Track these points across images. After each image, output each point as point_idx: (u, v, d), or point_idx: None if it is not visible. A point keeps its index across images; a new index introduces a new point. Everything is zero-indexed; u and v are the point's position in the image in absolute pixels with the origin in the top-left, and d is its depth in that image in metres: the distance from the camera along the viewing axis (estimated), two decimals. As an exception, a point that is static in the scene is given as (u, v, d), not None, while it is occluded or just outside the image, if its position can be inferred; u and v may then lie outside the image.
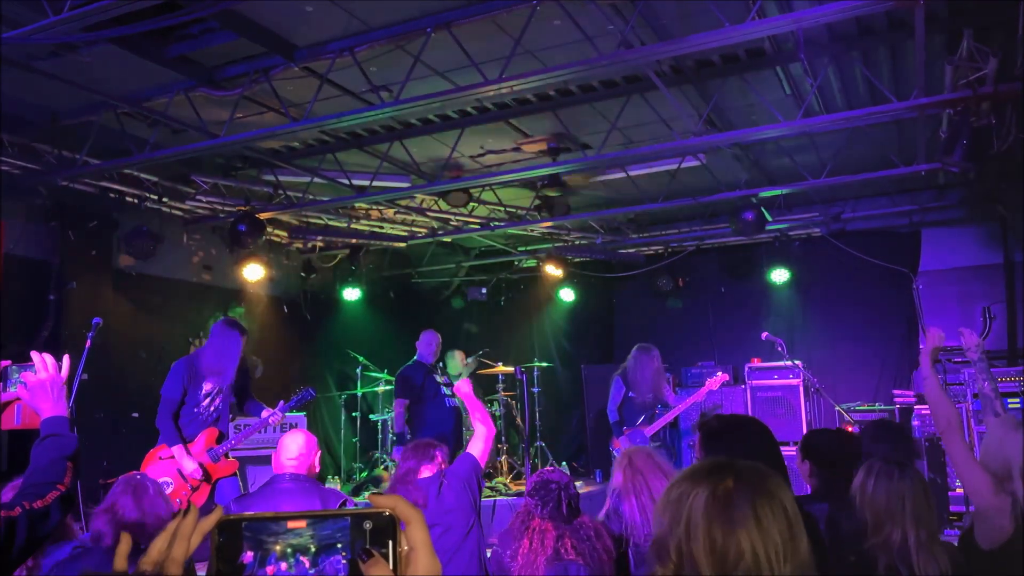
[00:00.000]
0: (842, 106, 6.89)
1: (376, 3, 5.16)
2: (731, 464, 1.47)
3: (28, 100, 6.39)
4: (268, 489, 3.75)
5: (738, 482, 1.41)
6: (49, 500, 2.05)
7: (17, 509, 1.97)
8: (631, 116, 6.95)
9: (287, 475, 3.75)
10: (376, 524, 0.91)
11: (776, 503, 1.40)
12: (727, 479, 1.42)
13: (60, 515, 2.08)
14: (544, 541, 3.23)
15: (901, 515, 2.54)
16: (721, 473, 1.44)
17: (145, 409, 6.97)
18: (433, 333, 7.91)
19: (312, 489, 3.71)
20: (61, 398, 2.28)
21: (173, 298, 8.71)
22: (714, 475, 1.44)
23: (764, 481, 1.43)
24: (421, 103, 5.76)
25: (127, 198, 7.82)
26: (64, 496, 2.10)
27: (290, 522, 0.91)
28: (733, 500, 1.38)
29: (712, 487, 1.41)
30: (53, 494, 2.07)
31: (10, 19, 4.84)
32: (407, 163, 7.90)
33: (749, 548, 1.35)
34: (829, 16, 4.58)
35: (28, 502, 2.01)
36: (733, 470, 1.44)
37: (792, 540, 1.38)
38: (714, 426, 2.57)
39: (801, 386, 8.82)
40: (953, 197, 9.16)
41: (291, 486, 3.68)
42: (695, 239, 10.35)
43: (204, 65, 6.01)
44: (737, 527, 1.36)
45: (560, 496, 3.29)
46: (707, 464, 1.51)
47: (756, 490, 1.40)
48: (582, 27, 5.35)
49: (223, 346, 5.55)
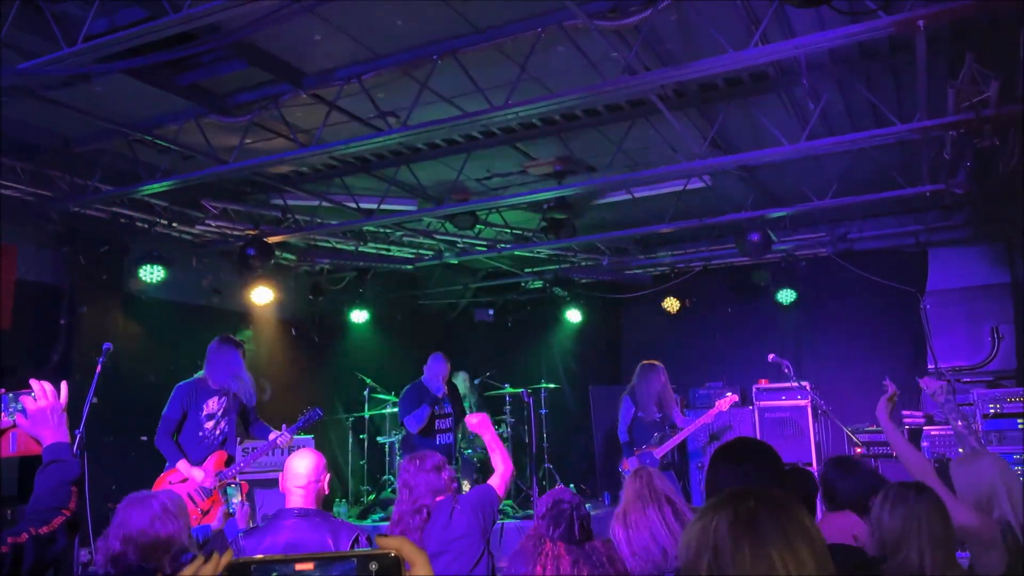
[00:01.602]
0: (846, 128, 6.93)
1: (384, 31, 5.24)
2: (751, 490, 1.46)
3: (41, 127, 6.50)
4: (275, 524, 3.71)
5: (760, 503, 1.40)
6: (55, 525, 2.09)
7: (24, 535, 2.01)
8: (636, 139, 7.01)
9: (294, 511, 3.69)
10: (382, 565, 0.94)
11: (802, 525, 1.38)
12: (749, 501, 1.41)
13: (66, 540, 2.11)
14: (559, 567, 3.21)
15: (917, 537, 2.54)
16: (743, 497, 1.43)
17: (153, 433, 7.01)
18: (442, 359, 7.58)
19: (321, 523, 3.63)
20: (62, 424, 2.31)
21: (182, 322, 8.75)
22: (735, 500, 1.43)
23: (787, 503, 1.42)
24: (428, 129, 5.83)
25: (137, 223, 7.90)
26: (70, 521, 2.14)
27: (298, 564, 0.94)
28: (758, 519, 1.37)
29: (734, 509, 1.40)
30: (59, 519, 2.11)
31: (25, 50, 4.94)
32: (414, 187, 7.97)
33: (781, 566, 1.32)
34: (831, 41, 4.63)
35: (34, 528, 2.05)
36: (754, 494, 1.44)
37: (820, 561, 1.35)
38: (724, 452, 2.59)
39: (809, 407, 8.79)
40: (959, 217, 9.16)
41: (298, 522, 3.62)
42: (702, 259, 10.37)
43: (214, 92, 6.09)
44: (768, 545, 1.33)
45: (572, 517, 3.27)
46: (726, 492, 1.49)
47: (780, 512, 1.39)
48: (587, 53, 5.42)
49: (222, 361, 5.60)
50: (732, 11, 4.96)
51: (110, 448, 7.40)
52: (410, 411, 7.27)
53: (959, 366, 9.31)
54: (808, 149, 6.26)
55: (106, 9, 4.45)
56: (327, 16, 4.89)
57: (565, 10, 4.87)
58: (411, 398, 7.38)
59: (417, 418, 7.21)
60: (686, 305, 10.61)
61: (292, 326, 10.29)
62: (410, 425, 7.22)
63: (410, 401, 7.36)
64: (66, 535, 2.12)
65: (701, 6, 4.80)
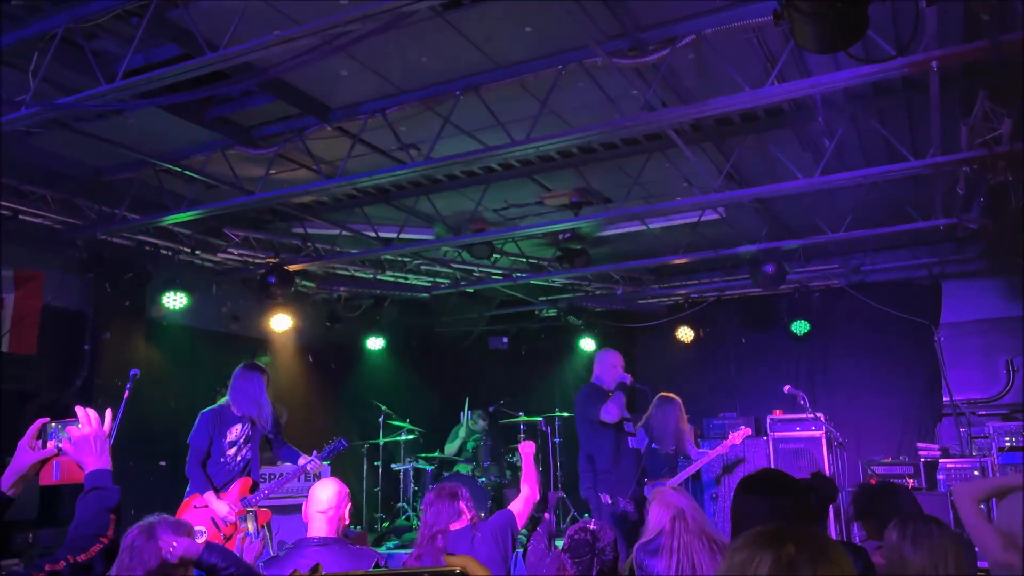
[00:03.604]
0: (860, 162, 7.01)
1: (408, 68, 5.39)
2: (790, 530, 1.54)
3: (72, 157, 6.68)
4: (296, 553, 3.77)
5: (799, 548, 1.48)
6: (92, 553, 2.12)
7: (62, 563, 2.04)
8: (652, 171, 7.12)
9: (315, 539, 3.76)
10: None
11: (835, 567, 1.46)
12: (789, 545, 1.48)
13: (103, 568, 2.14)
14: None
15: (944, 572, 2.58)
16: (782, 539, 1.51)
17: (172, 458, 7.08)
18: (610, 352, 6.54)
19: (341, 551, 3.69)
20: (104, 451, 2.36)
21: (202, 348, 8.87)
22: (775, 542, 1.51)
23: (825, 547, 1.50)
24: (449, 162, 5.96)
25: (161, 250, 8.05)
26: (107, 548, 2.17)
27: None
28: (796, 566, 1.45)
29: (775, 553, 1.48)
30: (96, 547, 2.14)
31: (62, 84, 5.11)
32: (433, 216, 8.10)
33: None
34: (846, 81, 4.74)
35: (72, 555, 2.08)
36: (793, 536, 1.51)
37: None
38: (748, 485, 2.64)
39: (824, 438, 8.78)
40: (973, 250, 9.20)
41: (319, 551, 3.67)
42: (715, 290, 10.43)
43: (241, 125, 6.26)
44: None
45: (592, 562, 3.32)
46: (767, 530, 1.57)
47: (817, 556, 1.47)
48: (606, 90, 5.56)
49: (248, 388, 5.65)
50: (749, 50, 5.09)
51: (131, 472, 7.49)
52: (597, 404, 6.17)
53: (974, 399, 9.30)
54: (823, 183, 6.34)
55: (141, 45, 4.61)
56: (354, 53, 5.04)
57: (586, 48, 5.01)
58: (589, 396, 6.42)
59: (616, 403, 6.12)
60: (700, 335, 10.66)
61: (309, 352, 10.39)
62: (608, 415, 6.09)
63: (590, 399, 6.35)
64: (103, 563, 2.15)
65: (719, 45, 4.92)
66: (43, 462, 2.37)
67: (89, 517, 2.20)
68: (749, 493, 2.66)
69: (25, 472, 2.35)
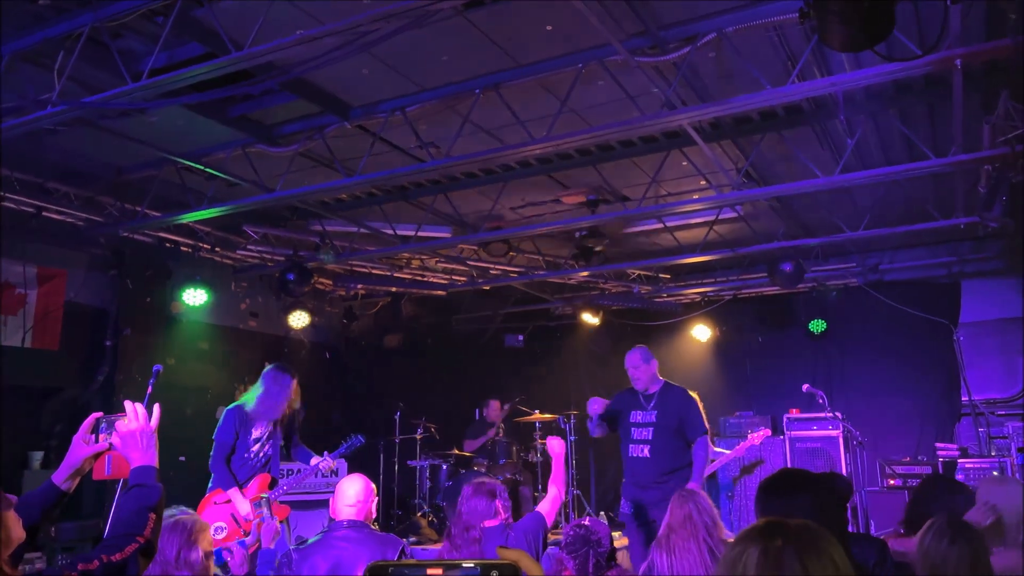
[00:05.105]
0: (879, 159, 6.98)
1: (429, 66, 5.41)
2: (782, 523, 1.56)
3: (95, 155, 6.74)
4: (327, 537, 3.85)
5: (787, 541, 1.50)
6: (128, 552, 2.05)
7: (95, 562, 1.98)
8: (670, 169, 7.12)
9: (344, 522, 3.84)
10: (502, 574, 1.04)
11: (826, 559, 1.47)
12: (777, 539, 1.51)
13: (138, 568, 2.06)
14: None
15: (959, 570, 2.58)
16: (772, 532, 1.53)
17: (191, 454, 7.14)
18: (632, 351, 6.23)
19: (370, 537, 3.79)
20: (151, 447, 2.34)
21: (220, 344, 8.96)
22: (765, 534, 1.53)
23: (814, 538, 1.51)
24: (469, 160, 5.98)
25: (182, 247, 8.12)
26: (143, 548, 2.09)
27: (429, 569, 1.06)
28: (783, 557, 1.47)
29: (763, 546, 1.50)
30: (132, 547, 2.07)
31: (86, 83, 5.17)
32: (450, 215, 8.13)
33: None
34: (868, 79, 4.73)
35: (107, 555, 2.01)
36: (783, 529, 1.53)
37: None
38: (768, 486, 2.64)
39: (841, 437, 8.77)
40: (993, 248, 9.13)
41: (349, 533, 3.77)
42: (732, 288, 10.41)
43: (262, 123, 6.30)
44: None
45: (588, 555, 3.37)
46: (760, 524, 1.60)
47: (805, 548, 1.48)
48: (625, 88, 5.56)
49: (276, 393, 5.69)
50: (769, 48, 5.08)
51: (151, 468, 7.55)
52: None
53: (993, 398, 9.24)
54: (842, 182, 6.32)
55: (165, 44, 4.65)
56: (376, 52, 5.06)
57: (607, 46, 5.02)
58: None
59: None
60: (716, 334, 10.64)
61: (326, 349, 10.46)
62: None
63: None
64: (138, 563, 2.06)
65: (739, 43, 4.91)
66: (96, 456, 2.38)
67: (128, 515, 2.15)
68: (768, 494, 2.66)
69: (79, 466, 2.36)
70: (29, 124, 5.04)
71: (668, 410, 5.92)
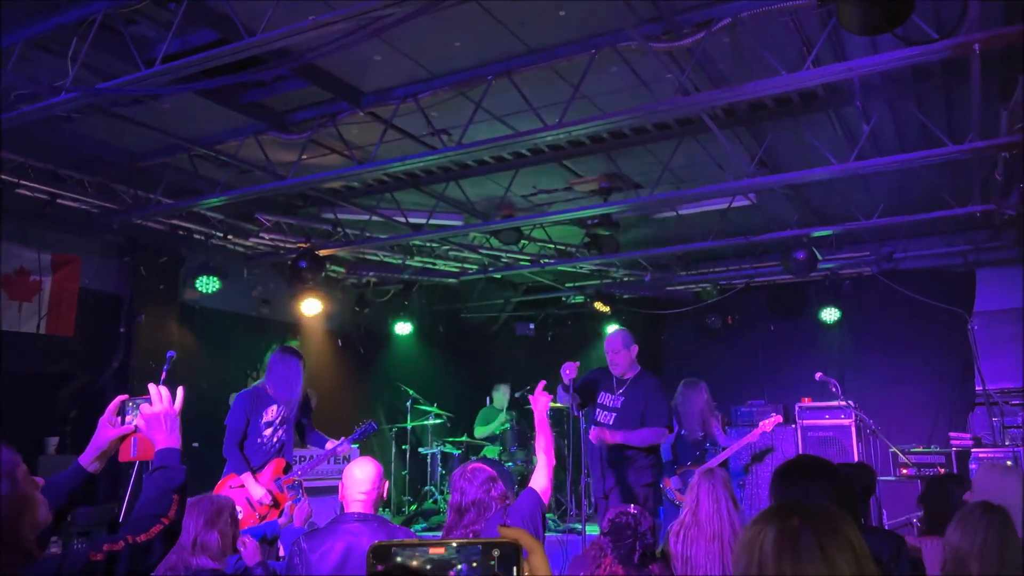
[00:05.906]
0: (895, 147, 6.92)
1: (441, 52, 5.39)
2: (797, 504, 1.57)
3: (109, 143, 6.76)
4: (336, 527, 3.83)
5: (803, 520, 1.50)
6: (153, 534, 2.06)
7: (120, 543, 1.99)
8: (683, 156, 7.08)
9: (354, 515, 3.81)
10: (503, 551, 1.06)
11: (842, 538, 1.48)
12: (793, 519, 1.51)
13: (163, 549, 2.08)
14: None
15: (980, 555, 2.57)
16: (788, 513, 1.54)
17: (205, 440, 7.19)
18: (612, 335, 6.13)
19: (380, 528, 3.75)
20: (175, 430, 2.35)
21: (233, 331, 8.99)
22: (781, 515, 1.54)
23: (830, 519, 1.52)
24: (481, 148, 5.96)
25: (194, 235, 8.15)
26: (168, 529, 2.11)
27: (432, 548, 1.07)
28: (799, 536, 1.47)
29: (780, 525, 1.51)
30: (157, 528, 2.08)
31: (99, 69, 5.18)
32: (462, 202, 8.12)
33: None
34: (886, 64, 4.67)
35: (132, 535, 2.02)
36: (799, 510, 1.54)
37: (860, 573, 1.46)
38: (782, 474, 2.64)
39: (853, 426, 8.74)
40: (1009, 237, 9.04)
41: (358, 526, 3.75)
42: (745, 277, 10.37)
43: (274, 110, 6.30)
44: (804, 559, 1.45)
45: (634, 545, 3.34)
46: (775, 506, 1.62)
47: (821, 527, 1.49)
48: (639, 74, 5.52)
49: (285, 373, 5.72)
50: (785, 33, 5.03)
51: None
52: None
53: (1007, 388, 9.18)
54: (857, 169, 6.26)
55: (177, 30, 4.65)
56: (388, 38, 5.05)
57: (620, 32, 4.98)
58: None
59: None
60: (728, 322, 10.61)
61: (338, 337, 10.49)
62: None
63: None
64: (163, 544, 2.08)
65: (754, 28, 4.87)
66: (122, 438, 2.40)
67: (153, 497, 2.17)
68: (784, 480, 2.65)
69: (106, 448, 2.38)
70: (43, 111, 5.06)
71: (635, 399, 5.92)
